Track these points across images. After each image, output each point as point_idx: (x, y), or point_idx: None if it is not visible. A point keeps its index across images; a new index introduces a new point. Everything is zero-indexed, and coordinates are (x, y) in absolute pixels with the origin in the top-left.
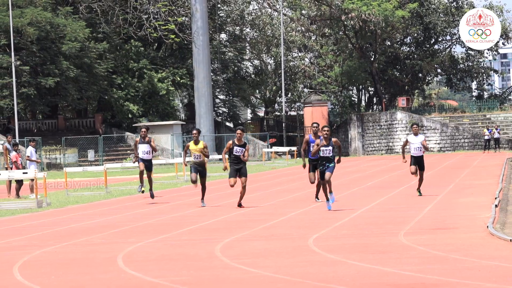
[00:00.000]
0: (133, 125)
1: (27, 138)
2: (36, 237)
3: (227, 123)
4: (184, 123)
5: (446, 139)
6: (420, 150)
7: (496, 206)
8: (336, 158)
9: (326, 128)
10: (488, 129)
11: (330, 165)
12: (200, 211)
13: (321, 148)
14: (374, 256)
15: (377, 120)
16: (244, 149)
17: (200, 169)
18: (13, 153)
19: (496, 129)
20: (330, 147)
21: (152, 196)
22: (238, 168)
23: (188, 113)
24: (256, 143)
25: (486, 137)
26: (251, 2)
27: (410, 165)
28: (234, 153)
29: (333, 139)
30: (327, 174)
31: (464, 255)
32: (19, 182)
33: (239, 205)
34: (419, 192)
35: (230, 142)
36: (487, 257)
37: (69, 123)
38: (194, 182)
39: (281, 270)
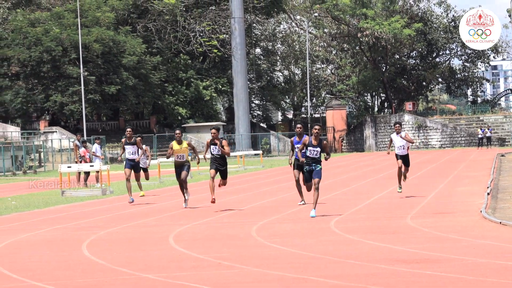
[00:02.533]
0: (182, 125)
1: (93, 136)
2: (101, 220)
3: (261, 124)
4: (225, 124)
5: (446, 137)
6: (404, 149)
7: (488, 194)
8: (324, 156)
9: (317, 127)
10: (481, 129)
11: (317, 168)
12: (238, 199)
13: (309, 148)
14: (385, 236)
15: (388, 121)
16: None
17: (181, 169)
18: (82, 149)
19: (488, 129)
20: (319, 148)
21: (131, 200)
22: (218, 166)
23: (228, 115)
24: (285, 141)
25: (479, 136)
26: (282, 22)
27: (397, 159)
28: (212, 152)
29: (323, 142)
30: (316, 180)
31: (461, 235)
32: (87, 174)
33: (213, 201)
34: (400, 187)
35: (208, 139)
36: (480, 237)
37: (128, 124)
38: (181, 186)
39: (306, 248)
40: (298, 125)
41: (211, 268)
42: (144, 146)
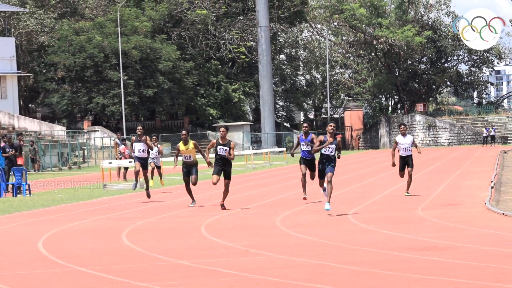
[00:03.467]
0: (213, 125)
1: (132, 135)
2: (139, 211)
3: (285, 124)
4: (252, 123)
5: (454, 136)
6: (409, 150)
7: (492, 187)
8: (337, 154)
9: (332, 124)
10: (486, 128)
11: (330, 165)
12: (263, 192)
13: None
14: (398, 226)
15: (401, 121)
16: (228, 148)
17: (190, 170)
18: (122, 146)
19: (492, 128)
20: (334, 145)
21: (148, 195)
22: (223, 169)
23: (255, 116)
24: None
25: (484, 134)
26: (304, 31)
27: (400, 168)
28: (218, 152)
29: (338, 138)
30: (329, 174)
31: (467, 225)
32: (126, 169)
33: (222, 205)
34: (408, 192)
35: (214, 140)
36: (485, 227)
37: (164, 124)
38: (187, 185)
39: (326, 237)
40: (305, 124)
41: (239, 255)
42: (159, 145)
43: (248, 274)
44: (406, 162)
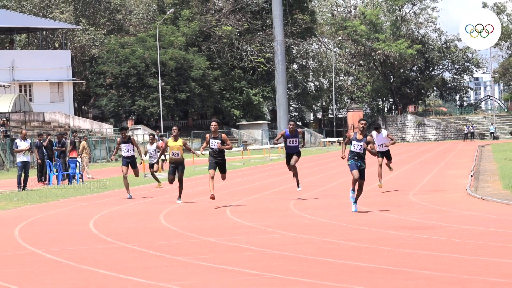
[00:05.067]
0: (237, 123)
1: (168, 132)
2: (174, 196)
3: (297, 122)
4: (269, 122)
5: (439, 133)
6: (386, 146)
7: (471, 176)
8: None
9: (363, 121)
10: (466, 126)
11: (362, 167)
12: (278, 180)
13: (353, 143)
14: (393, 208)
15: (395, 120)
16: (219, 141)
17: (176, 167)
18: (160, 142)
19: (472, 126)
20: (363, 143)
21: (130, 197)
22: (217, 162)
23: (272, 116)
24: (316, 135)
25: (465, 131)
26: (313, 44)
27: (378, 157)
28: (211, 146)
29: (368, 137)
30: (361, 181)
31: (451, 208)
32: (163, 161)
33: (212, 197)
34: (380, 182)
35: (208, 135)
36: (465, 209)
37: (195, 123)
38: (171, 183)
39: (332, 218)
40: (291, 122)
41: (258, 234)
42: (160, 142)
43: (265, 249)
44: (385, 156)
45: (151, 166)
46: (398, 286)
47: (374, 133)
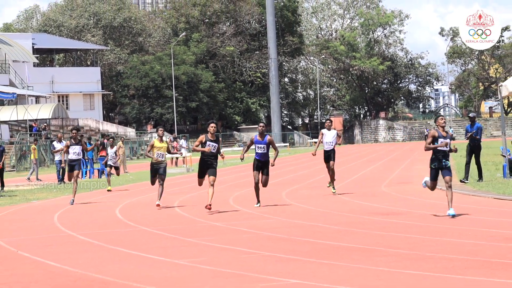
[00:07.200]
0: (238, 127)
1: (181, 135)
2: (185, 188)
3: (288, 126)
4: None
5: (406, 134)
6: (332, 144)
7: None
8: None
9: (443, 118)
10: (427, 129)
11: (447, 165)
12: (273, 174)
13: (440, 140)
14: (368, 198)
15: (369, 125)
16: (216, 145)
17: (159, 169)
18: (174, 143)
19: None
20: (448, 140)
21: (72, 202)
22: (208, 165)
23: (267, 121)
24: (303, 137)
25: (425, 133)
26: (301, 61)
27: (324, 158)
28: (210, 149)
29: (450, 133)
30: (447, 178)
31: (416, 197)
32: (177, 159)
33: (208, 206)
34: (333, 187)
35: (203, 136)
36: (427, 198)
37: (203, 126)
38: (153, 184)
39: (318, 206)
40: (261, 124)
41: (257, 219)
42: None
43: (262, 232)
44: (329, 155)
45: (110, 167)
46: (373, 262)
47: (325, 130)
